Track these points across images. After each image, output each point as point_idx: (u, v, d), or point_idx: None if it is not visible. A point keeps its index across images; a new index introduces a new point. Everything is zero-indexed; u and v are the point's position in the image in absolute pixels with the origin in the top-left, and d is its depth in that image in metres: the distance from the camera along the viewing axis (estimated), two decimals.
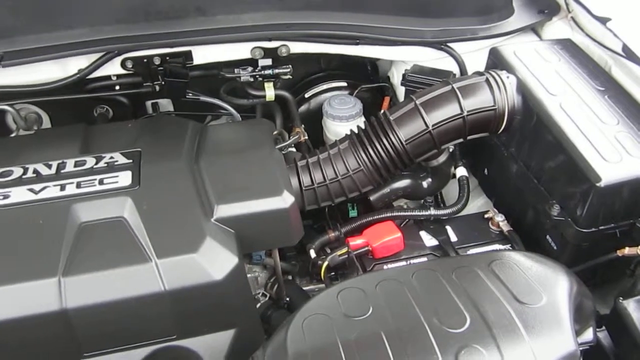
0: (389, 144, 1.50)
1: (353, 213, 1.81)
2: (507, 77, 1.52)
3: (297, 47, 1.74)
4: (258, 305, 1.57)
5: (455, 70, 1.80)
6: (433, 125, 1.48)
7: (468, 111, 1.48)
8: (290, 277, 1.74)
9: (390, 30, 1.75)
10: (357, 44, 1.74)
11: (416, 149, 1.52)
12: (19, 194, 1.36)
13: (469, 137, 1.54)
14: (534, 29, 1.90)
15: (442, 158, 1.67)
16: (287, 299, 1.63)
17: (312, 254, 1.58)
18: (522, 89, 1.54)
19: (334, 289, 1.06)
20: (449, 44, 1.78)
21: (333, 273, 1.63)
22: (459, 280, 1.04)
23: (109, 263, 1.23)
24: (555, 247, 1.46)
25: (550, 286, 1.01)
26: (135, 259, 1.23)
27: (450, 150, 1.71)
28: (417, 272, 1.07)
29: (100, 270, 1.22)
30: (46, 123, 1.93)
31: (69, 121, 1.89)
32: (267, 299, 1.64)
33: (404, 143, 1.49)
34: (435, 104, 1.50)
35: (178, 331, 1.27)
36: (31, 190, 1.37)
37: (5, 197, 1.35)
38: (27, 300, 1.18)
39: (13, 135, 1.86)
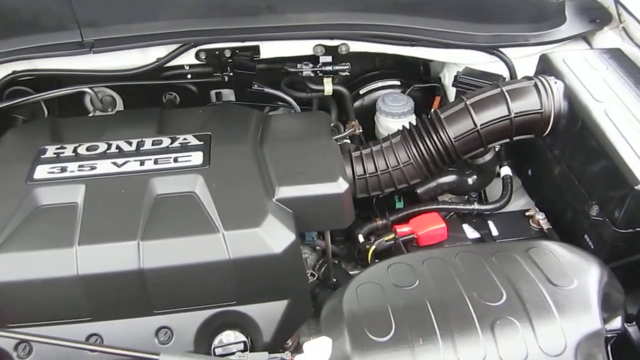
0: (438, 140, 1.61)
1: (399, 204, 1.92)
2: (555, 82, 1.60)
3: (357, 46, 1.85)
4: None
5: (505, 74, 1.88)
6: (481, 125, 1.58)
7: (515, 113, 1.58)
8: (336, 261, 1.87)
9: (445, 33, 1.85)
10: (412, 45, 1.84)
11: (464, 147, 1.62)
12: (104, 167, 1.53)
13: (515, 138, 1.63)
14: (585, 38, 1.96)
15: (488, 157, 1.76)
16: (334, 280, 1.75)
17: (360, 238, 1.69)
18: (569, 94, 1.61)
19: (384, 263, 1.19)
20: (500, 49, 1.87)
21: (377, 260, 1.75)
22: (498, 262, 1.14)
23: (182, 231, 1.37)
24: (592, 246, 1.54)
25: (581, 272, 1.10)
26: (204, 229, 1.37)
27: (497, 149, 1.80)
28: (460, 253, 1.18)
29: (173, 237, 1.36)
30: (119, 106, 2.11)
31: (140, 105, 2.07)
32: (314, 278, 1.77)
33: (452, 140, 1.60)
34: (484, 104, 1.60)
35: (237, 297, 1.41)
36: (114, 163, 1.54)
37: (93, 168, 1.53)
38: (112, 258, 1.34)
39: (90, 115, 2.06)
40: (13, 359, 1.37)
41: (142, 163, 1.54)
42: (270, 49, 1.83)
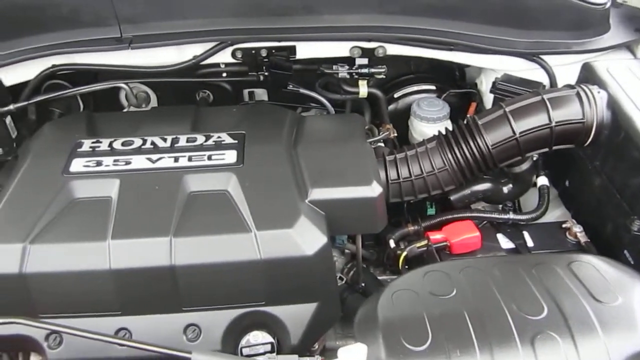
0: (475, 147, 1.58)
1: (431, 211, 1.89)
2: (598, 92, 1.56)
3: (393, 49, 1.83)
4: None
5: (545, 82, 1.84)
6: (520, 133, 1.55)
7: (556, 122, 1.54)
8: (364, 266, 1.85)
9: (484, 38, 1.81)
10: (451, 49, 1.81)
11: (501, 154, 1.59)
12: (139, 162, 1.54)
13: (554, 147, 1.59)
14: (629, 47, 1.91)
15: (525, 165, 1.72)
16: (362, 284, 1.73)
17: (392, 243, 1.67)
18: (612, 104, 1.57)
19: (419, 270, 1.16)
20: (541, 56, 1.83)
21: (407, 267, 1.72)
22: (538, 274, 1.11)
23: (214, 229, 1.37)
24: (632, 262, 1.49)
25: (626, 289, 1.07)
26: (236, 228, 1.37)
27: (534, 158, 1.76)
28: (499, 263, 1.15)
29: (205, 234, 1.36)
30: (153, 102, 2.12)
31: (173, 102, 2.09)
32: (342, 282, 1.75)
33: (489, 147, 1.57)
34: (524, 112, 1.57)
35: (267, 298, 1.40)
36: (149, 159, 1.55)
37: (127, 163, 1.54)
38: (144, 254, 1.34)
39: (124, 110, 2.07)
40: (44, 348, 1.38)
41: (176, 160, 1.54)
42: (306, 50, 1.82)
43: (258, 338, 1.42)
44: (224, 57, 1.82)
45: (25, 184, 1.51)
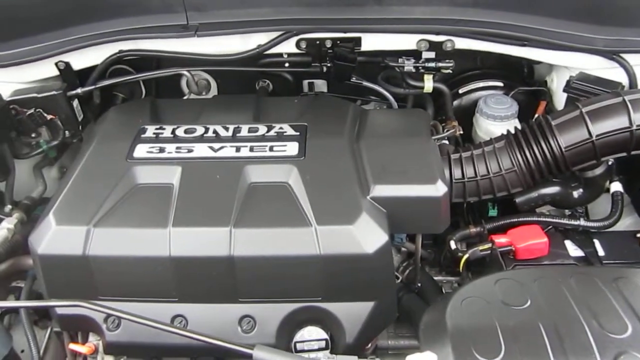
0: (547, 148, 1.50)
1: (493, 212, 1.82)
2: None
3: (462, 43, 1.76)
4: None
5: (625, 82, 1.73)
6: (597, 136, 1.47)
7: (637, 125, 1.45)
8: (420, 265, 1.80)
9: (559, 34, 1.72)
10: (523, 45, 1.73)
11: (574, 158, 1.51)
12: (201, 150, 1.54)
13: (632, 152, 1.50)
14: None
15: (598, 170, 1.63)
16: (419, 284, 1.69)
17: (452, 245, 1.61)
18: None
19: (490, 278, 1.11)
20: (621, 54, 1.72)
21: (467, 270, 1.66)
22: (620, 289, 1.04)
23: (274, 222, 1.36)
24: None
25: None
26: (296, 222, 1.35)
27: (610, 163, 1.66)
28: (575, 275, 1.08)
29: (265, 227, 1.35)
30: (213, 90, 2.12)
31: (233, 90, 2.08)
32: (398, 281, 1.71)
33: (563, 149, 1.49)
34: (602, 114, 1.48)
35: (324, 294, 1.37)
36: (211, 148, 1.55)
37: (190, 150, 1.54)
38: (203, 243, 1.34)
39: (185, 97, 2.08)
40: (102, 330, 1.40)
41: (237, 149, 1.53)
42: (371, 42, 1.77)
43: (312, 334, 1.40)
44: (288, 47, 1.79)
45: (90, 168, 1.53)
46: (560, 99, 1.85)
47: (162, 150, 1.54)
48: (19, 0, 1.75)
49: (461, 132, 1.73)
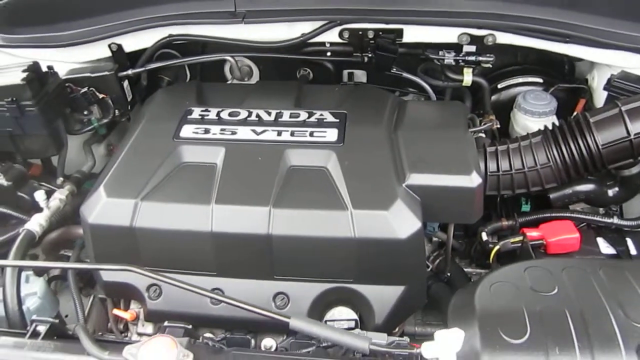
0: (584, 145, 1.51)
1: (525, 208, 1.84)
2: None
3: (504, 38, 1.78)
4: None
5: None
6: (635, 134, 1.47)
7: None
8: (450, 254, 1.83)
9: (603, 32, 1.71)
10: (566, 42, 1.73)
11: (611, 155, 1.51)
12: (244, 133, 1.61)
13: None
14: None
15: (635, 169, 1.63)
16: (448, 274, 1.72)
17: (484, 236, 1.64)
18: None
19: (519, 265, 1.14)
20: None
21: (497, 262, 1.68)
22: None
23: (311, 204, 1.41)
24: None
25: None
26: (333, 205, 1.40)
27: None
28: (604, 267, 1.11)
29: (303, 208, 1.40)
30: (255, 76, 2.18)
31: (274, 78, 2.14)
32: (428, 270, 1.75)
33: (600, 147, 1.50)
34: None
35: (356, 276, 1.42)
36: (253, 131, 1.61)
37: (233, 133, 1.61)
38: (244, 220, 1.41)
39: (228, 82, 2.15)
40: (144, 298, 1.48)
41: (279, 133, 1.59)
42: (413, 33, 1.80)
43: (343, 313, 1.45)
44: (331, 36, 1.84)
45: (139, 145, 1.61)
46: (600, 97, 1.84)
47: (207, 131, 1.61)
48: None
49: (498, 125, 1.75)
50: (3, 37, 1.95)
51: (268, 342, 1.49)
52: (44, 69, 1.76)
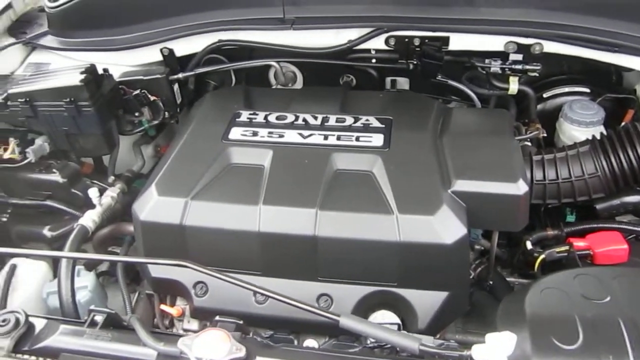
0: (633, 155, 1.50)
1: (570, 218, 1.81)
2: None
3: (551, 47, 1.77)
4: None
5: None
6: None
7: None
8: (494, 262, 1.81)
9: None
10: (615, 51, 1.72)
11: None
12: (291, 136, 1.64)
13: None
14: None
15: None
16: (490, 282, 1.72)
17: (529, 245, 1.63)
18: None
19: (569, 272, 1.14)
20: None
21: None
22: None
23: (357, 207, 1.43)
24: None
25: None
26: (379, 208, 1.41)
27: None
28: None
29: (349, 211, 1.42)
30: (299, 82, 2.22)
31: (317, 83, 2.16)
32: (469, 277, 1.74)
33: None
34: None
35: (399, 280, 1.43)
36: (300, 134, 1.64)
37: (281, 136, 1.64)
38: (290, 221, 1.43)
39: (273, 87, 2.19)
40: (191, 295, 1.52)
41: (325, 137, 1.62)
42: (459, 41, 1.81)
43: (386, 317, 1.46)
44: (377, 43, 1.86)
45: (189, 146, 1.66)
46: None
47: (255, 134, 1.65)
48: None
49: (544, 134, 1.74)
50: (61, 41, 2.04)
51: (310, 343, 1.51)
52: (100, 71, 1.83)
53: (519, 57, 1.80)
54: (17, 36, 2.12)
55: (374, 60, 1.96)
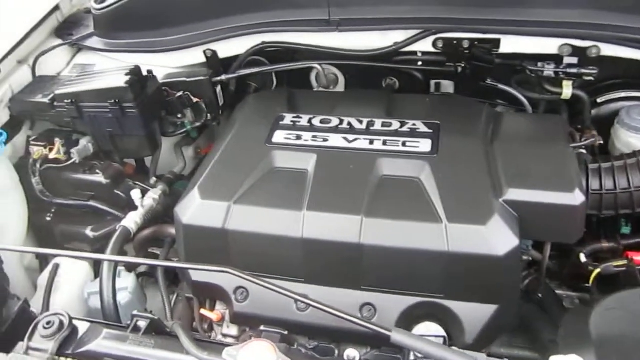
0: None
1: (626, 230, 1.72)
2: None
3: (609, 50, 1.69)
4: None
5: None
6: None
7: None
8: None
9: None
10: None
11: None
12: (336, 140, 1.61)
13: None
14: None
15: None
16: (539, 295, 1.64)
17: (583, 258, 1.56)
18: None
19: (634, 292, 1.07)
20: None
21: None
22: None
23: (404, 215, 1.38)
24: None
25: None
26: (427, 217, 1.37)
27: None
28: None
29: (395, 219, 1.38)
30: (340, 84, 2.18)
31: (359, 86, 2.13)
32: None
33: None
34: None
35: (447, 291, 1.38)
36: (345, 139, 1.61)
37: (325, 140, 1.61)
38: (335, 228, 1.40)
39: (316, 90, 2.16)
40: (231, 300, 1.50)
41: (371, 142, 1.58)
42: (510, 44, 1.74)
43: (431, 329, 1.41)
44: (424, 45, 1.81)
45: (232, 149, 1.65)
46: None
47: (299, 137, 1.62)
48: None
49: (601, 141, 1.66)
50: (106, 43, 2.06)
51: (351, 353, 1.46)
52: (144, 72, 1.83)
53: (574, 60, 1.72)
54: (63, 37, 2.14)
55: (419, 63, 1.91)
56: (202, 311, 1.59)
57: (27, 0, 2.19)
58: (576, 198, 1.38)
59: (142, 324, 1.16)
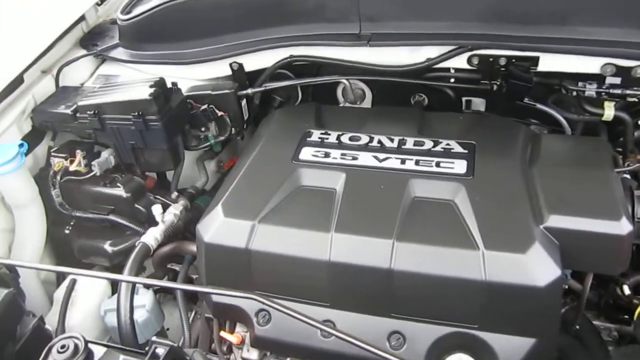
0: None
1: None
2: None
3: None
4: None
5: None
6: None
7: None
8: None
9: None
10: None
11: None
12: (365, 159, 1.54)
13: None
14: None
15: None
16: (577, 327, 1.56)
17: (626, 290, 1.47)
18: None
19: None
20: None
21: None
22: None
23: (438, 240, 1.31)
24: None
25: None
26: (462, 243, 1.29)
27: None
28: None
29: (429, 244, 1.31)
30: (367, 100, 2.12)
31: (387, 102, 2.06)
32: None
33: None
34: None
35: (481, 322, 1.30)
36: (375, 157, 1.54)
37: (354, 158, 1.55)
38: (364, 252, 1.33)
39: (340, 105, 2.10)
40: (252, 323, 1.44)
41: (403, 162, 1.51)
42: (549, 62, 1.67)
43: None
44: (458, 62, 1.74)
45: (257, 166, 1.59)
46: None
47: (327, 155, 1.56)
48: (201, 5, 1.86)
49: None
50: (131, 54, 2.02)
51: None
52: (168, 85, 1.79)
53: (617, 80, 1.64)
54: (88, 48, 2.12)
55: (452, 80, 1.84)
56: (222, 333, 1.53)
57: (53, 10, 2.17)
58: (622, 227, 1.29)
59: (161, 351, 1.09)
